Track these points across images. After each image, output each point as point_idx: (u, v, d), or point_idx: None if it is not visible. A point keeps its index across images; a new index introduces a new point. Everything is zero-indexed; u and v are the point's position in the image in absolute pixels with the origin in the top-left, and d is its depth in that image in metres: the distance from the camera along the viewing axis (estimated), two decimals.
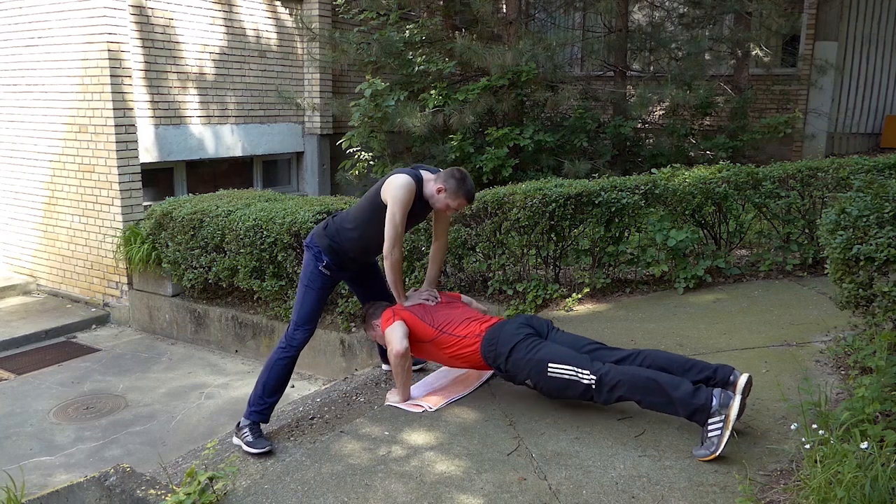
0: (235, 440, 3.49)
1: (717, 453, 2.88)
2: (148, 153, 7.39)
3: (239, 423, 3.52)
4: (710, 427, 2.92)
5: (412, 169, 3.60)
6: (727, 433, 2.87)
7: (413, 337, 3.62)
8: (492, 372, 3.94)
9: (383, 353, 4.25)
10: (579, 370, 3.19)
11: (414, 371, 4.13)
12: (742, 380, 3.02)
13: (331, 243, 3.63)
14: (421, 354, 3.79)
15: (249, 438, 3.39)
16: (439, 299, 3.80)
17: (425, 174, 3.59)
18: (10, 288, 7.96)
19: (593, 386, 3.16)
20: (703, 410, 2.93)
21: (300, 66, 9.20)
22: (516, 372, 3.40)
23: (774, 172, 5.47)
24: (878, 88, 11.28)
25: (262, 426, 3.55)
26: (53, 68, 7.28)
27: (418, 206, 3.56)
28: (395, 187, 3.46)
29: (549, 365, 3.26)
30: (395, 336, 3.55)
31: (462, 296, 4.01)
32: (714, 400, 2.91)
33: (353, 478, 3.01)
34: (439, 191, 3.54)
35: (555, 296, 5.12)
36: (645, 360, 3.22)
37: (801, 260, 5.47)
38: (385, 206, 3.48)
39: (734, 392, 2.96)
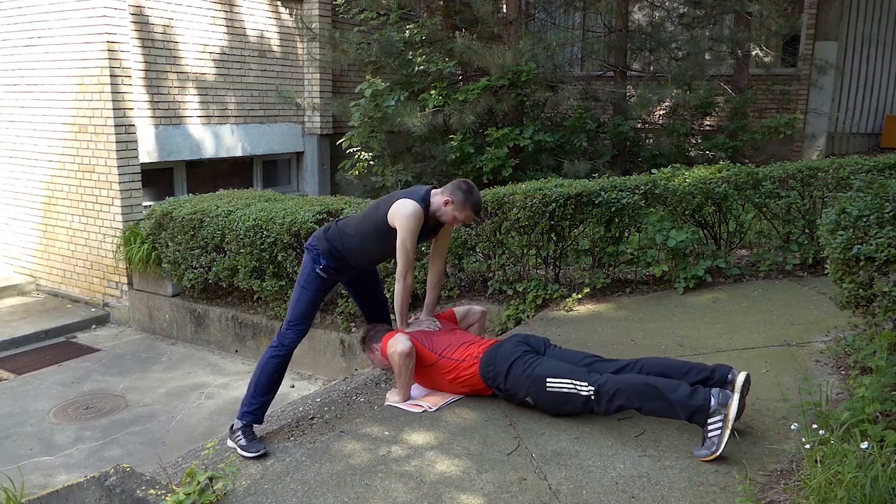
0: (230, 443, 3.48)
1: (718, 453, 2.88)
2: (148, 153, 7.39)
3: (232, 426, 3.52)
4: (709, 427, 2.92)
5: (416, 190, 3.60)
6: (727, 433, 2.87)
7: (415, 361, 3.66)
8: None
9: None
10: (577, 383, 3.21)
11: None
12: (740, 378, 3.01)
13: (330, 247, 3.66)
14: (423, 381, 3.80)
15: (243, 442, 3.39)
16: (440, 327, 3.86)
17: (432, 191, 3.62)
18: (10, 288, 7.96)
19: (592, 397, 3.17)
20: (703, 411, 2.93)
21: (300, 66, 9.20)
22: (516, 389, 3.42)
23: (774, 172, 5.47)
24: (878, 88, 11.28)
25: (256, 428, 3.55)
26: (53, 68, 7.27)
27: (425, 225, 3.59)
28: (403, 217, 3.48)
29: (548, 380, 3.28)
30: (398, 340, 3.59)
31: (455, 309, 4.06)
32: (712, 400, 2.91)
33: (353, 478, 3.01)
34: (446, 203, 3.56)
35: (555, 296, 5.12)
36: (643, 368, 3.24)
37: (801, 260, 5.46)
38: (391, 230, 3.52)
39: (732, 391, 2.96)
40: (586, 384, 3.18)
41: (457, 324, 3.99)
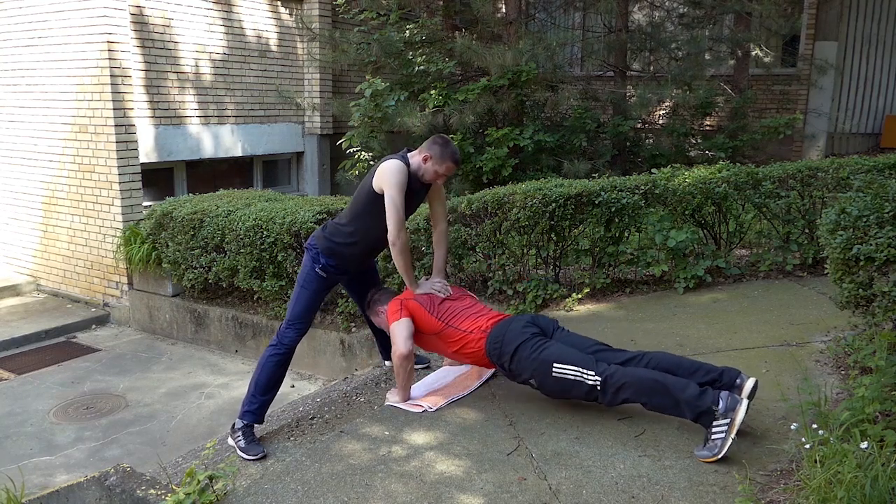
0: (230, 441, 3.49)
1: (720, 456, 2.88)
2: (148, 153, 7.39)
3: (234, 425, 3.52)
4: (714, 429, 2.91)
5: (394, 154, 3.62)
6: (731, 436, 2.86)
7: (418, 328, 3.60)
8: (492, 372, 3.95)
9: (384, 349, 4.26)
10: (584, 371, 3.17)
11: (419, 369, 4.13)
12: (749, 384, 3.01)
13: (329, 244, 3.65)
14: (425, 346, 3.77)
15: (242, 444, 3.39)
16: (450, 291, 3.75)
17: (410, 153, 3.63)
18: (11, 288, 7.97)
19: (598, 387, 3.14)
20: (710, 413, 2.92)
21: (300, 66, 9.20)
22: (520, 371, 3.38)
23: (774, 172, 5.47)
24: (878, 88, 11.28)
25: (257, 428, 3.55)
26: (53, 68, 7.28)
27: (412, 188, 3.56)
28: (388, 173, 3.46)
29: (554, 365, 3.24)
30: (400, 336, 3.53)
31: (468, 292, 4.00)
32: (721, 403, 2.90)
33: (353, 478, 3.01)
34: (425, 160, 3.56)
35: (555, 296, 5.12)
36: (650, 363, 3.20)
37: (801, 260, 5.46)
38: (380, 197, 3.47)
39: (740, 396, 2.95)
40: (593, 374, 3.14)
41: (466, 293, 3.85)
